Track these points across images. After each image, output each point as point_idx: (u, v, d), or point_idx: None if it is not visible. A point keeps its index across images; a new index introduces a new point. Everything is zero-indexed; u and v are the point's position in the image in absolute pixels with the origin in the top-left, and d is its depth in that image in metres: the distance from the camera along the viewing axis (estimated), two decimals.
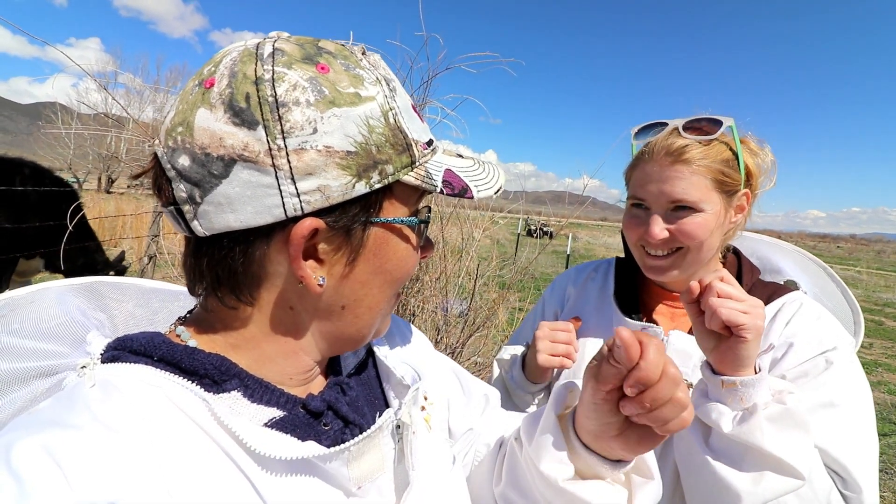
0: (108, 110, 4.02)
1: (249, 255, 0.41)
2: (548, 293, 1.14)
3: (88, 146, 25.73)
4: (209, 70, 0.40)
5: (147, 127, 3.05)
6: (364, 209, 0.42)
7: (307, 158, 0.38)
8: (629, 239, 0.92)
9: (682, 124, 0.85)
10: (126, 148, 3.92)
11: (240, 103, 0.38)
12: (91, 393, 0.38)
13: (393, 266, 0.47)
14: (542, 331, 0.94)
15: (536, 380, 0.97)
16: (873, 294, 14.30)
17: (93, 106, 5.82)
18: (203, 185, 0.38)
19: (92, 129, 3.94)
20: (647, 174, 0.85)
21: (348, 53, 0.43)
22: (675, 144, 0.83)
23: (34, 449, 0.32)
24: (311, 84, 0.39)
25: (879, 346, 7.72)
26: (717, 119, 0.84)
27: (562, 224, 3.87)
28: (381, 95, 0.42)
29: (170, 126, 0.40)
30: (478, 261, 3.15)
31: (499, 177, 0.52)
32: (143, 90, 22.50)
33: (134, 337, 0.42)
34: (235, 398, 0.43)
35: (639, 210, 0.89)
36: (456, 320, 2.98)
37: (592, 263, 1.13)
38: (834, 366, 0.76)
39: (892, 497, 3.13)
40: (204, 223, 0.40)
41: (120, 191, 20.53)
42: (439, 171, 0.46)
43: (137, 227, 7.10)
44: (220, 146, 0.38)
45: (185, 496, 0.35)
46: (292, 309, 0.45)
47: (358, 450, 0.45)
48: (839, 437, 0.73)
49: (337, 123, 0.39)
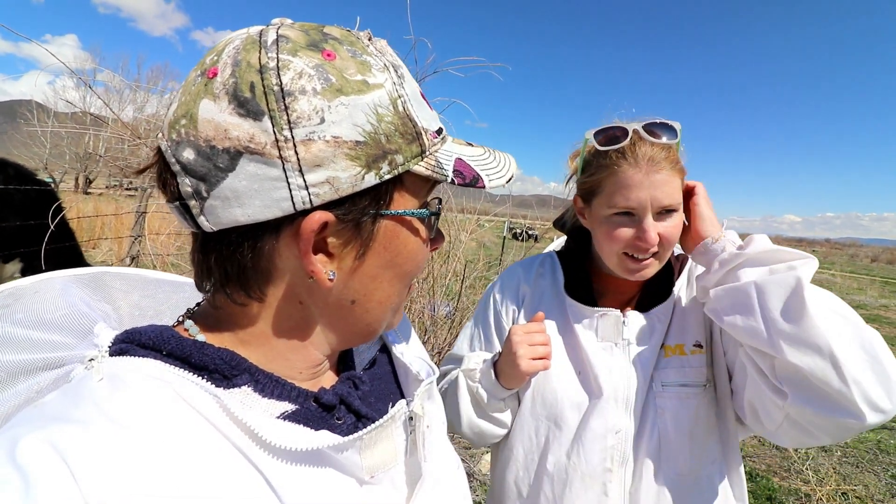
0: (86, 108, 3.93)
1: (258, 250, 0.40)
2: (498, 294, 1.08)
3: (66, 145, 25.06)
4: (212, 59, 0.39)
5: (127, 126, 3.00)
6: (374, 201, 0.41)
7: (315, 149, 0.37)
8: (611, 247, 0.89)
9: (643, 127, 0.86)
10: (105, 147, 3.83)
11: (244, 93, 0.36)
12: (99, 387, 0.36)
13: (404, 259, 0.45)
14: (518, 335, 0.89)
15: (512, 386, 0.93)
16: (847, 296, 14.75)
17: (71, 103, 5.60)
18: (209, 178, 0.37)
19: (70, 128, 3.84)
20: (632, 181, 0.84)
21: (354, 39, 0.41)
22: (656, 150, 0.85)
23: (40, 444, 0.31)
24: (317, 72, 0.37)
25: None
26: (670, 123, 0.87)
27: (546, 227, 3.92)
28: (390, 82, 0.40)
29: (173, 118, 0.38)
30: (464, 263, 3.18)
31: (510, 166, 0.50)
32: (123, 89, 22.01)
33: (143, 330, 0.41)
34: (246, 393, 0.42)
35: (623, 217, 0.87)
36: (443, 321, 2.99)
37: (535, 259, 1.11)
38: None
39: (863, 490, 3.23)
40: (211, 218, 0.38)
41: (98, 191, 20.02)
42: (450, 160, 0.45)
43: (118, 227, 6.94)
44: (226, 138, 0.36)
45: (195, 493, 0.34)
46: (302, 304, 0.44)
47: (370, 439, 0.44)
48: None
49: (345, 112, 0.37)
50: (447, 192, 3.47)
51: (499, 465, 1.00)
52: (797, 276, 0.71)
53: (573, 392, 0.92)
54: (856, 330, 0.70)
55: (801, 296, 0.70)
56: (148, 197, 3.43)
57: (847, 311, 0.73)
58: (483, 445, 1.02)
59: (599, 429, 0.88)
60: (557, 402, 0.92)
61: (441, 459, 0.55)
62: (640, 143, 0.85)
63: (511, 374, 0.89)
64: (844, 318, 0.71)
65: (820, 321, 0.68)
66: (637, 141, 0.85)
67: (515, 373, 0.88)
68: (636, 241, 0.85)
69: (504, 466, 0.98)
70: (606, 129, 0.89)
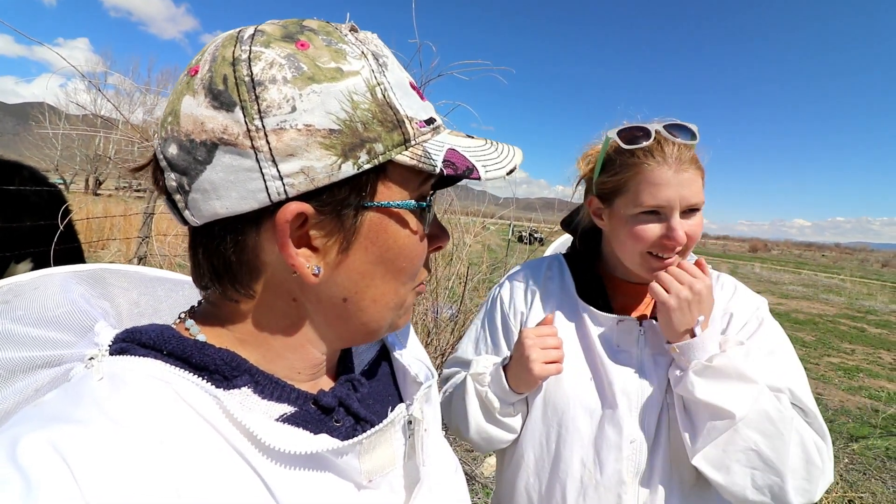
0: (97, 111, 4.00)
1: (241, 244, 0.40)
2: (505, 296, 1.06)
3: (76, 147, 25.38)
4: (196, 59, 0.40)
5: (137, 128, 3.04)
6: (355, 192, 0.40)
7: (287, 138, 0.36)
8: (636, 246, 0.88)
9: (665, 127, 0.86)
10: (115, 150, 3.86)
11: (218, 86, 0.36)
12: (99, 386, 0.36)
13: (395, 255, 0.44)
14: (531, 338, 0.87)
15: (523, 390, 0.91)
16: (856, 302, 14.57)
17: (82, 105, 5.63)
18: (189, 172, 0.38)
19: (80, 130, 3.89)
20: (661, 179, 0.83)
21: (332, 29, 0.41)
22: (682, 149, 0.85)
23: (41, 444, 0.31)
24: (288, 61, 0.37)
25: (861, 352, 7.86)
26: (688, 125, 0.87)
27: (552, 230, 3.92)
28: (367, 70, 0.40)
29: (162, 117, 0.40)
30: (468, 265, 3.18)
31: (513, 156, 0.47)
32: (133, 91, 22.26)
33: (144, 329, 0.41)
34: (246, 394, 0.41)
35: (649, 216, 0.86)
36: (446, 324, 3.00)
37: (542, 261, 1.10)
38: (764, 321, 0.92)
39: (870, 498, 3.20)
40: (195, 212, 0.39)
41: (108, 193, 20.25)
42: (440, 150, 0.43)
43: (126, 228, 7.01)
44: (203, 131, 0.37)
45: (194, 494, 0.34)
46: (296, 301, 0.44)
47: (370, 443, 0.44)
48: (787, 377, 0.86)
49: (317, 100, 0.37)
50: (451, 195, 3.48)
51: (508, 470, 0.99)
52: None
53: (586, 398, 0.90)
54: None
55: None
56: (156, 198, 3.47)
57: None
58: (490, 451, 1.00)
59: (615, 437, 0.86)
60: (570, 408, 0.90)
61: (439, 462, 0.55)
62: (666, 142, 0.85)
63: (523, 379, 0.88)
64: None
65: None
66: (662, 140, 0.85)
67: (528, 377, 0.86)
68: (664, 239, 0.85)
69: (514, 472, 0.96)
70: (631, 128, 0.88)
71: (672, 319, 0.83)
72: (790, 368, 0.87)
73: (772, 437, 0.76)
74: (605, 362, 0.91)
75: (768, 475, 0.76)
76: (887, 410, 4.87)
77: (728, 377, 0.78)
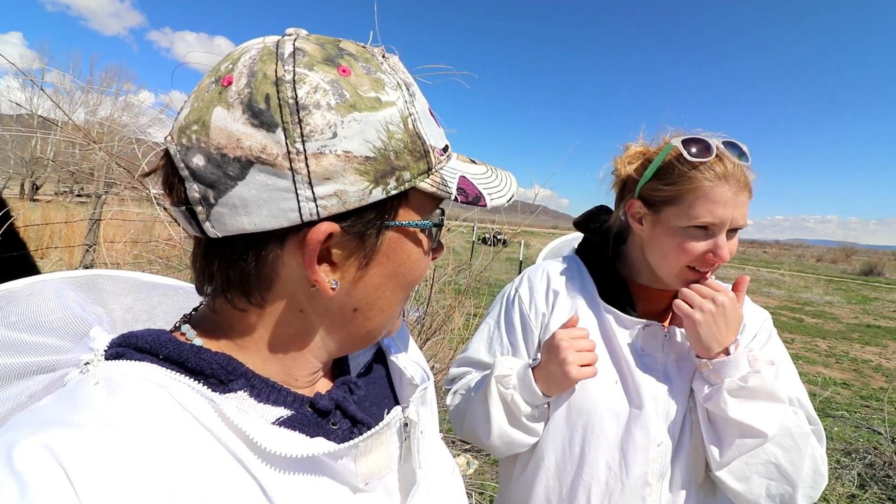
0: (33, 110, 3.73)
1: (262, 258, 0.40)
2: (524, 295, 1.03)
3: (10, 149, 23.53)
4: (226, 67, 0.39)
5: (80, 129, 2.86)
6: (379, 214, 0.42)
7: (326, 163, 0.37)
8: (679, 258, 0.87)
9: (725, 144, 0.85)
10: (53, 152, 3.58)
11: (259, 104, 0.36)
12: (94, 391, 0.36)
13: (406, 269, 0.46)
14: (565, 340, 0.85)
15: (553, 393, 0.89)
16: (794, 294, 15.68)
17: (18, 104, 5.14)
18: (218, 186, 0.38)
19: (15, 131, 3.62)
20: (721, 198, 0.83)
21: (369, 56, 0.42)
22: (742, 170, 0.84)
23: (36, 449, 0.31)
24: (332, 87, 0.38)
25: (800, 340, 8.47)
26: (740, 144, 0.87)
27: (515, 231, 3.99)
28: (402, 101, 0.41)
29: (184, 123, 0.39)
30: (433, 267, 3.20)
31: (511, 185, 0.51)
32: (75, 90, 20.89)
33: (139, 334, 0.41)
34: (242, 398, 0.42)
35: (698, 231, 0.85)
36: (412, 325, 3.00)
37: (560, 261, 1.08)
38: (772, 334, 0.96)
39: None
40: (217, 225, 0.39)
41: (47, 198, 18.91)
42: (454, 177, 0.45)
43: (69, 236, 6.57)
44: (238, 147, 0.37)
45: (190, 498, 0.34)
46: (302, 311, 0.44)
47: (366, 446, 0.44)
48: (795, 388, 0.89)
49: (357, 128, 0.38)
50: None
51: (525, 474, 0.97)
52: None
53: (613, 401, 0.90)
54: None
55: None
56: (102, 204, 3.28)
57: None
58: (509, 454, 0.97)
59: (642, 440, 0.87)
60: (596, 411, 0.89)
61: (435, 464, 0.55)
62: (727, 160, 0.84)
63: (556, 381, 0.86)
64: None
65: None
66: (725, 158, 0.85)
67: (563, 380, 0.84)
68: (708, 255, 0.85)
69: (531, 475, 0.95)
70: (697, 139, 0.86)
71: (700, 333, 0.83)
72: (795, 379, 0.91)
73: (790, 450, 0.80)
74: (630, 366, 0.90)
75: (783, 485, 0.80)
76: (823, 394, 5.28)
77: (760, 397, 0.80)
